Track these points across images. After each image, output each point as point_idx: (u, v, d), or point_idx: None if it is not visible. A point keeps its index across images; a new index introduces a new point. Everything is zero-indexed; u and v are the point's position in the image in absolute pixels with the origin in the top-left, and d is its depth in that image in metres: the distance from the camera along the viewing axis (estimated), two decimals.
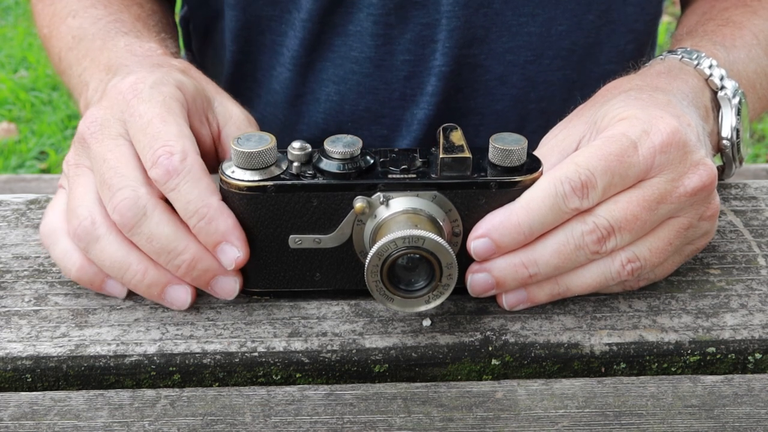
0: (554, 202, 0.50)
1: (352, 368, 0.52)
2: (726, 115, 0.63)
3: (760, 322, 0.53)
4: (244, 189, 0.51)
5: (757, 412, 0.47)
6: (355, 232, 0.52)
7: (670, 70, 0.63)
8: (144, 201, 0.51)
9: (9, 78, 2.64)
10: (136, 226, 0.51)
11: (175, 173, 0.51)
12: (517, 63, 0.79)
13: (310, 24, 0.78)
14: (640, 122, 0.52)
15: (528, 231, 0.51)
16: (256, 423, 0.47)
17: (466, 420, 0.47)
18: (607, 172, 0.50)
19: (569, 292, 0.53)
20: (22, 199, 0.67)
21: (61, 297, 0.56)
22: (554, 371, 0.52)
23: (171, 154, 0.51)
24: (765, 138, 2.48)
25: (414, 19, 0.77)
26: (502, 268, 0.51)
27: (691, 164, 0.52)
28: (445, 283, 0.49)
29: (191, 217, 0.51)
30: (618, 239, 0.51)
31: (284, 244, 0.53)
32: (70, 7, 0.77)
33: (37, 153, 2.35)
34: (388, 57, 0.78)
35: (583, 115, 0.58)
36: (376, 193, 0.51)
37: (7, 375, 0.51)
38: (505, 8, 0.76)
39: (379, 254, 0.49)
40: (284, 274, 0.54)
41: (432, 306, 0.50)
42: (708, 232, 0.56)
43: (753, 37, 0.71)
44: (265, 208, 0.52)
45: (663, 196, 0.51)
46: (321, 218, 0.52)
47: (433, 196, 0.51)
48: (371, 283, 0.49)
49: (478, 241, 0.51)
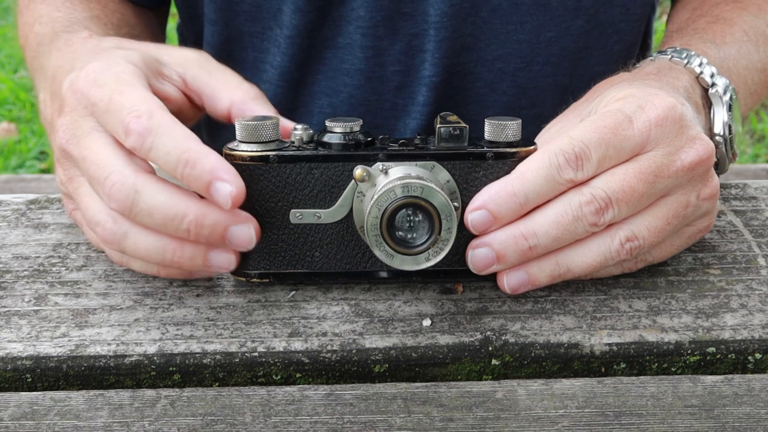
0: (548, 172, 0.50)
1: (352, 368, 0.52)
2: (717, 112, 0.63)
3: (760, 322, 0.53)
4: (247, 159, 0.52)
5: (757, 412, 0.47)
6: (356, 206, 0.53)
7: (660, 70, 0.63)
8: (132, 179, 0.51)
9: (9, 78, 2.64)
10: (134, 205, 0.51)
11: (147, 132, 0.51)
12: (506, 70, 0.79)
13: (299, 39, 0.78)
14: (636, 99, 0.53)
15: (524, 200, 0.51)
16: (256, 423, 0.47)
17: (466, 420, 0.47)
18: (601, 144, 0.51)
19: (570, 273, 0.53)
20: (22, 199, 0.67)
21: (61, 297, 0.56)
22: (554, 371, 0.52)
23: (138, 117, 0.51)
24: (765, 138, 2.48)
25: (403, 30, 0.77)
26: (501, 240, 0.51)
27: (688, 138, 0.52)
28: (445, 238, 0.50)
29: (175, 168, 0.50)
30: (615, 211, 0.51)
31: (285, 219, 0.54)
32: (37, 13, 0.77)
33: (37, 153, 2.35)
34: (379, 69, 0.78)
35: (576, 109, 0.59)
36: (376, 163, 0.52)
37: (7, 375, 0.51)
38: (493, 16, 0.77)
39: (378, 204, 0.50)
40: (284, 253, 0.54)
41: (432, 263, 0.51)
42: (707, 212, 0.56)
43: (743, 33, 0.71)
44: (267, 180, 0.53)
45: (660, 170, 0.51)
46: (322, 191, 0.53)
47: (432, 167, 0.52)
48: (372, 238, 0.50)
49: (476, 213, 0.51)
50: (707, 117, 0.63)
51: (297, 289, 0.56)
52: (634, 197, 0.51)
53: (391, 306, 0.55)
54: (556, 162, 0.50)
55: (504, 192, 0.51)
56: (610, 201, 0.50)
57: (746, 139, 2.46)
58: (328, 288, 0.56)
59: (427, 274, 0.55)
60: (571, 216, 0.51)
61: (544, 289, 0.56)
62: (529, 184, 0.51)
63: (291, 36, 0.78)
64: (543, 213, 0.51)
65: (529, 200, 0.51)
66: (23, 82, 2.62)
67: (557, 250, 0.52)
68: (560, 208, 0.51)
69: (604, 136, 0.51)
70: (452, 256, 0.53)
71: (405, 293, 0.56)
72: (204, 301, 0.55)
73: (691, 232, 0.56)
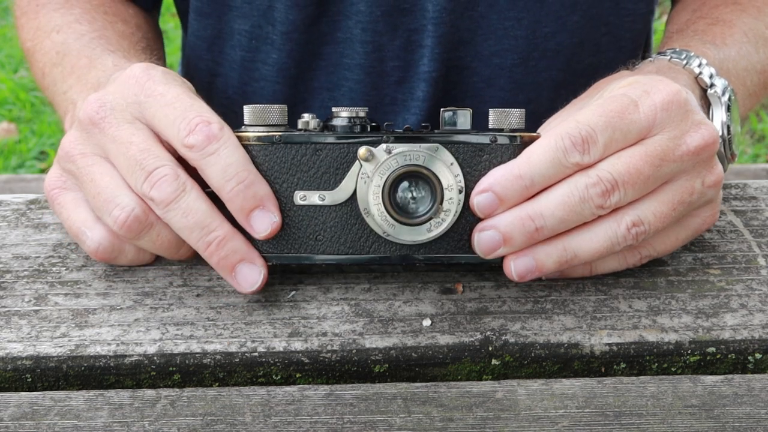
0: (555, 155, 0.50)
1: (352, 368, 0.52)
2: (716, 113, 0.63)
3: (760, 322, 0.53)
4: (253, 139, 0.53)
5: (757, 412, 0.47)
6: (360, 188, 0.53)
7: (659, 70, 0.63)
8: (183, 177, 0.52)
9: (9, 78, 2.64)
10: (175, 201, 0.51)
11: (215, 138, 0.51)
12: (504, 66, 0.79)
13: (296, 34, 0.78)
14: (641, 84, 0.53)
15: (530, 183, 0.51)
16: (256, 423, 0.47)
17: (466, 420, 0.47)
18: (607, 127, 0.51)
19: (576, 258, 0.52)
20: (22, 199, 0.67)
21: (61, 297, 0.56)
22: (554, 371, 0.52)
23: (209, 123, 0.52)
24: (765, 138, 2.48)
25: (402, 25, 0.77)
26: (508, 222, 0.51)
27: (693, 123, 0.53)
28: (446, 208, 0.51)
29: (229, 180, 0.51)
30: (621, 194, 0.51)
31: (290, 201, 0.54)
32: (54, 21, 0.77)
33: (37, 153, 2.35)
34: (379, 63, 0.79)
35: (577, 104, 0.59)
36: (381, 144, 0.52)
37: (7, 375, 0.51)
38: (490, 12, 0.77)
39: (380, 173, 0.50)
40: (288, 236, 0.54)
41: (434, 234, 0.51)
42: (711, 201, 0.56)
43: (743, 35, 0.72)
44: (272, 160, 0.53)
45: (665, 153, 0.51)
46: (326, 173, 0.53)
47: (436, 149, 0.52)
48: (373, 207, 0.50)
49: (482, 195, 0.51)
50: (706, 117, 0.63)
51: (297, 289, 0.56)
52: (640, 180, 0.51)
53: (391, 306, 0.55)
54: (562, 145, 0.50)
55: (510, 174, 0.51)
56: (617, 183, 0.50)
57: (746, 139, 2.46)
58: (328, 288, 0.56)
59: (432, 262, 0.55)
60: (577, 197, 0.51)
61: (544, 289, 0.56)
62: (535, 166, 0.51)
63: (287, 32, 0.78)
64: (549, 195, 0.51)
65: (535, 183, 0.51)
66: (23, 82, 2.62)
67: (564, 235, 0.52)
68: (566, 189, 0.51)
69: (611, 119, 0.51)
70: (457, 242, 0.53)
71: (405, 293, 0.56)
72: (204, 301, 0.55)
73: (695, 224, 0.56)
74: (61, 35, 0.75)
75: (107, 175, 0.54)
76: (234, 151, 0.51)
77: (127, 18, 0.81)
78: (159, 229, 0.53)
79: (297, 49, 0.79)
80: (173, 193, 0.51)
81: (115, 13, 0.80)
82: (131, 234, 0.53)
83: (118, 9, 0.81)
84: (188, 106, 0.52)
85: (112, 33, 0.75)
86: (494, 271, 0.57)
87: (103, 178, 0.54)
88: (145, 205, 0.53)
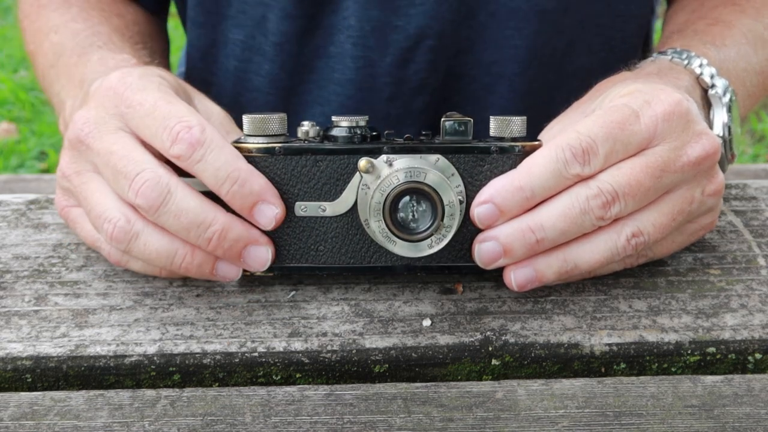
0: (555, 167, 0.50)
1: (352, 368, 0.52)
2: (717, 113, 0.63)
3: (760, 322, 0.53)
4: (253, 151, 0.53)
5: (757, 412, 0.47)
6: (360, 199, 0.53)
7: (660, 70, 0.63)
8: (166, 179, 0.51)
9: (9, 78, 2.64)
10: (162, 205, 0.51)
11: (199, 144, 0.51)
12: (504, 74, 0.79)
13: (288, 46, 0.78)
14: (642, 94, 0.53)
15: (530, 194, 0.51)
16: (256, 423, 0.47)
17: (466, 420, 0.47)
18: (608, 138, 0.51)
19: (577, 269, 0.53)
20: (22, 199, 0.67)
21: (61, 297, 0.56)
22: (554, 371, 0.52)
23: (190, 127, 0.51)
24: (765, 138, 2.48)
25: (394, 43, 0.76)
26: (508, 233, 0.51)
27: (694, 133, 0.52)
28: (447, 225, 0.50)
29: (223, 183, 0.51)
30: (622, 205, 0.51)
31: (290, 212, 0.54)
32: (52, 22, 0.76)
33: (37, 153, 2.35)
34: (370, 79, 0.78)
35: (579, 107, 0.59)
36: (381, 155, 0.52)
37: (7, 375, 0.51)
38: (490, 21, 0.76)
39: (381, 189, 0.50)
40: (289, 246, 0.54)
41: (435, 250, 0.51)
42: (711, 209, 0.56)
43: (742, 35, 0.72)
44: (273, 172, 0.53)
45: (666, 164, 0.51)
46: (327, 184, 0.53)
47: (436, 160, 0.52)
48: (374, 224, 0.50)
49: (482, 207, 0.51)
50: (707, 118, 0.63)
51: (297, 289, 0.56)
52: (641, 191, 0.51)
53: (391, 306, 0.55)
54: (563, 156, 0.50)
55: (510, 186, 0.51)
56: (617, 195, 0.50)
57: (746, 139, 2.46)
58: (328, 288, 0.56)
59: (432, 270, 0.55)
60: (578, 209, 0.50)
61: (544, 289, 0.56)
62: (535, 178, 0.50)
63: (279, 43, 0.78)
64: (550, 206, 0.51)
65: (536, 194, 0.51)
66: (23, 82, 2.63)
67: (564, 246, 0.52)
68: (567, 200, 0.51)
69: (611, 130, 0.51)
70: (458, 251, 0.53)
71: (405, 293, 0.56)
72: (204, 301, 0.55)
73: (693, 229, 0.56)
74: (58, 36, 0.74)
75: (98, 190, 0.54)
76: (220, 153, 0.51)
77: (122, 13, 0.81)
78: (145, 238, 0.52)
79: (289, 61, 0.79)
80: (158, 197, 0.51)
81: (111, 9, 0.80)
82: (121, 245, 0.53)
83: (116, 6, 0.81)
84: (167, 113, 0.52)
85: (105, 28, 0.75)
86: (494, 272, 0.57)
87: (93, 195, 0.54)
88: (131, 214, 0.52)
